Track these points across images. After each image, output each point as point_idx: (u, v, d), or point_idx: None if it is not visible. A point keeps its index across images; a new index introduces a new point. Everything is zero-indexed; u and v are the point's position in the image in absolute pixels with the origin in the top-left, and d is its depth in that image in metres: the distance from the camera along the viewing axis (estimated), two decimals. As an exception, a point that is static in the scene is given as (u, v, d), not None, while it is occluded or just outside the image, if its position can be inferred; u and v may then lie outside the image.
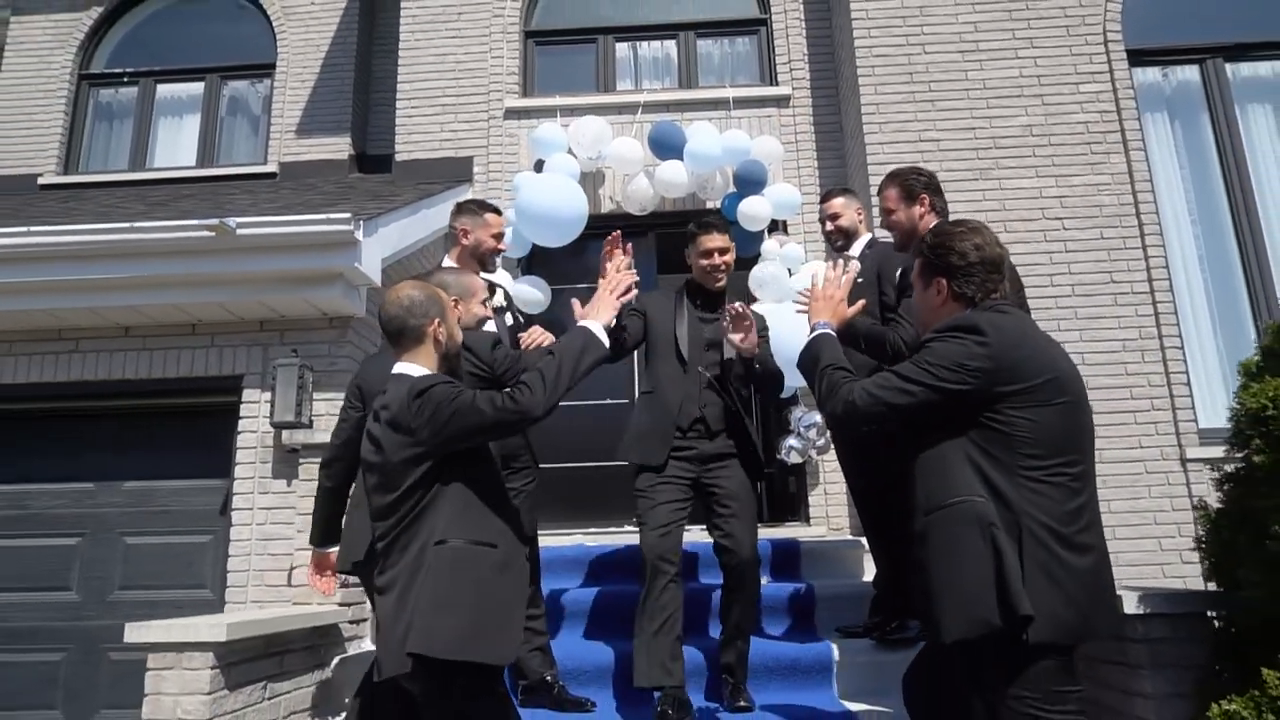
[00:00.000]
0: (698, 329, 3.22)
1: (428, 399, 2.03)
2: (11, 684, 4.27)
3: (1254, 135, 5.58)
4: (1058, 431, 1.93)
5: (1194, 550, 2.67)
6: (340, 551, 2.86)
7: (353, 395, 2.91)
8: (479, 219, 3.32)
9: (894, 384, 2.03)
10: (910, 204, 2.98)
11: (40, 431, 4.51)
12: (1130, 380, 5.01)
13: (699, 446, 3.13)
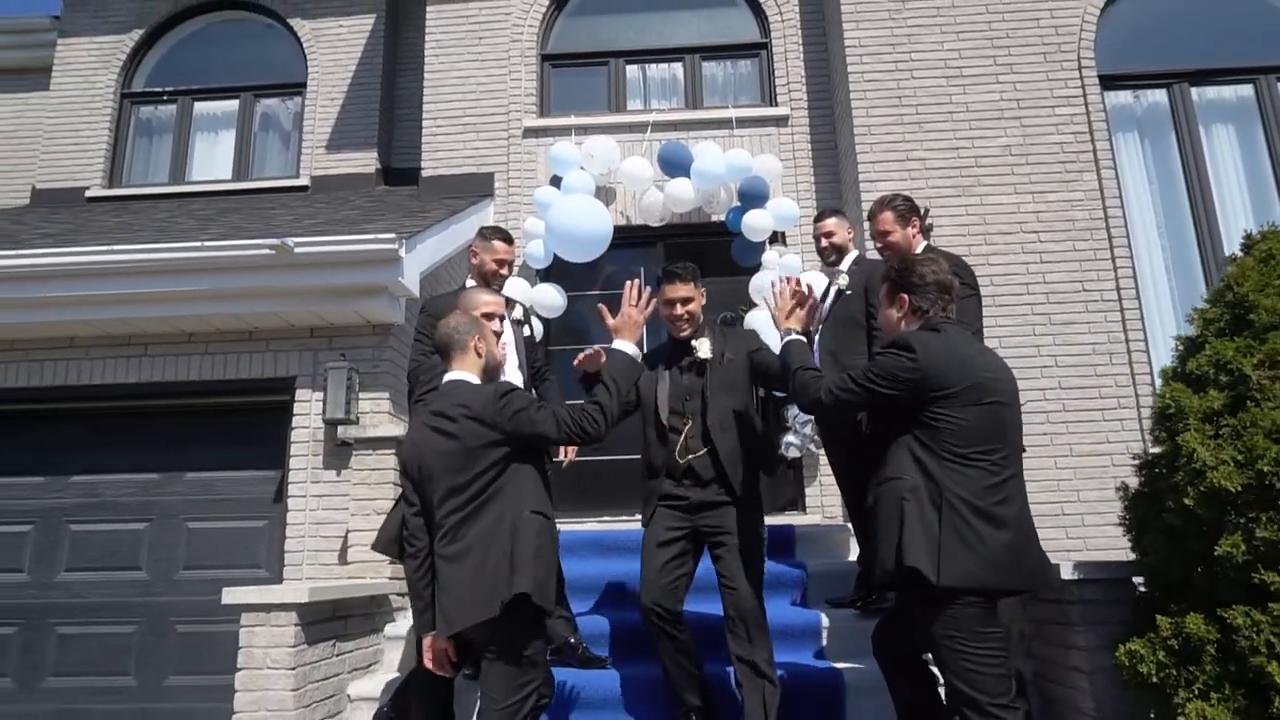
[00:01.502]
0: (677, 382, 3.29)
1: (510, 401, 2.61)
2: (90, 653, 4.82)
3: (1216, 154, 6.09)
4: (978, 426, 2.46)
5: (1118, 525, 3.19)
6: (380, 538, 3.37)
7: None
8: (487, 244, 3.84)
9: (848, 385, 2.62)
10: (904, 226, 3.48)
11: (112, 428, 5.06)
12: (1099, 381, 5.53)
13: (690, 495, 3.21)
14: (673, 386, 3.27)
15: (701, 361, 3.26)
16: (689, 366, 3.29)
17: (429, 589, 2.64)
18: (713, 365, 3.26)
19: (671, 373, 3.30)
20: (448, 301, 3.59)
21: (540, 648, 2.62)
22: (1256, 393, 2.48)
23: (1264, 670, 2.19)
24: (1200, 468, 2.48)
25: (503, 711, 2.52)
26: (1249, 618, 2.27)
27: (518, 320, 3.87)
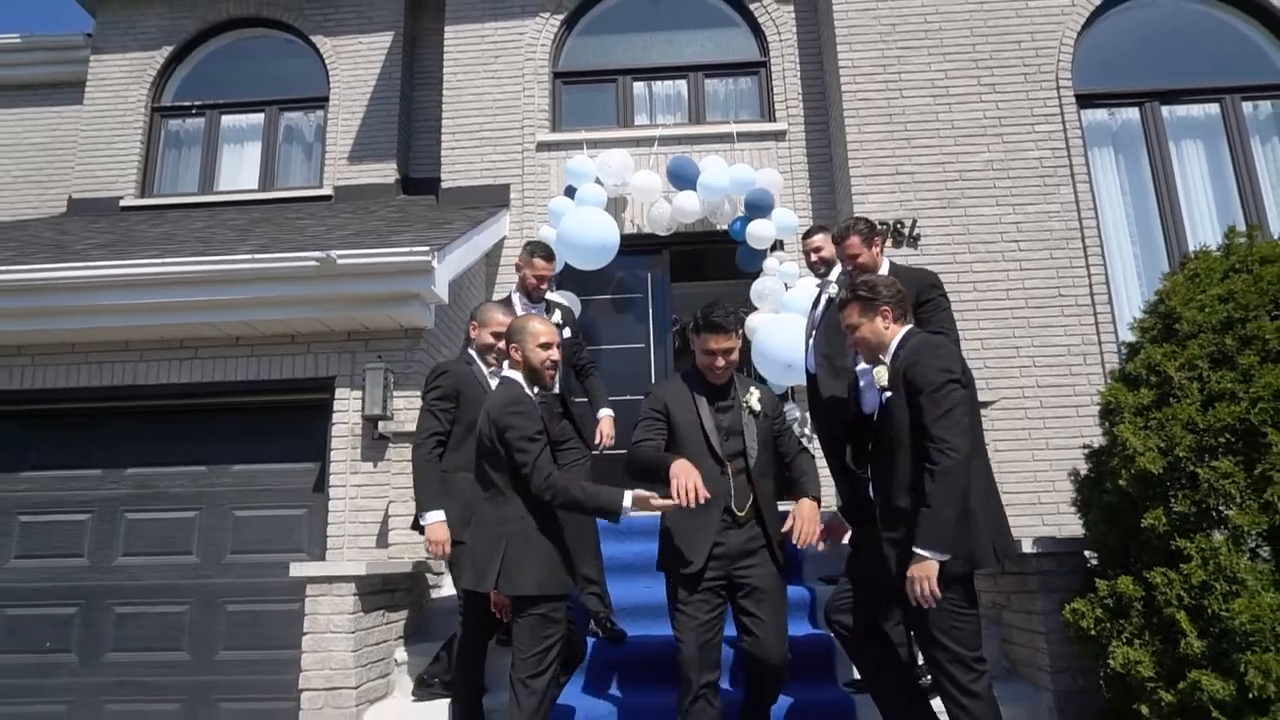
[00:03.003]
0: (718, 424, 3.26)
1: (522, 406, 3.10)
2: (147, 630, 5.31)
3: (1186, 167, 6.61)
4: (975, 421, 2.95)
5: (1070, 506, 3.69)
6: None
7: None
8: (529, 260, 4.31)
9: (949, 412, 2.81)
10: (870, 247, 3.92)
11: (165, 424, 5.55)
12: (1073, 380, 6.03)
13: (728, 540, 3.15)
14: (716, 427, 3.24)
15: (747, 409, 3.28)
16: (727, 409, 3.28)
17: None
18: (758, 418, 3.28)
19: (710, 411, 3.26)
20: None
21: (557, 609, 3.06)
22: (1178, 391, 2.98)
23: (1175, 619, 2.69)
24: (1131, 454, 2.98)
25: (528, 660, 3.00)
26: (1166, 577, 2.77)
27: (557, 324, 4.31)
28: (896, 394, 2.96)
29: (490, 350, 4.04)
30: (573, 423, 4.35)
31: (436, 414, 3.93)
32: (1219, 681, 2.53)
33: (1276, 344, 2.78)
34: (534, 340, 3.22)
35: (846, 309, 3.11)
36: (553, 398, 4.18)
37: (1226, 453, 2.76)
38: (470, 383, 3.94)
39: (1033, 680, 3.74)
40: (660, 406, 3.25)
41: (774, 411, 3.37)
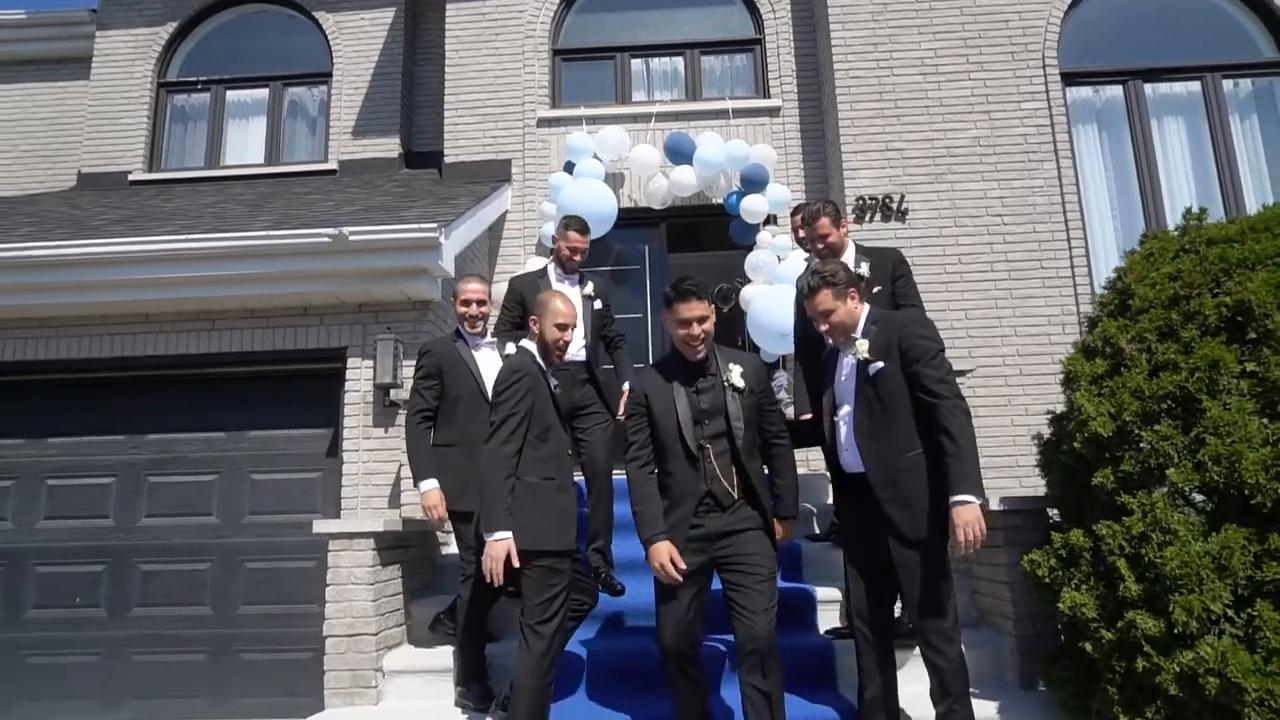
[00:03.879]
0: (694, 404, 3.27)
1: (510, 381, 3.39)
2: (171, 586, 5.65)
3: (1166, 144, 6.85)
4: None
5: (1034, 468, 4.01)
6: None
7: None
8: (563, 233, 4.59)
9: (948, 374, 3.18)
10: (838, 228, 4.15)
11: (185, 392, 5.84)
12: (1053, 348, 6.32)
13: (707, 524, 3.21)
14: (691, 409, 3.25)
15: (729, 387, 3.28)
16: (708, 389, 3.28)
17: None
18: (742, 394, 3.28)
19: (688, 393, 3.27)
20: (524, 281, 4.57)
21: (560, 562, 3.35)
22: (1129, 361, 3.28)
23: (1116, 566, 3.01)
24: (1085, 419, 3.28)
25: (536, 608, 3.31)
26: (1110, 529, 3.08)
27: (588, 295, 4.59)
28: (890, 363, 3.24)
29: (464, 319, 4.35)
30: (598, 389, 4.63)
31: (420, 392, 4.29)
32: (1151, 620, 2.85)
33: (1214, 319, 3.08)
34: (552, 319, 3.49)
35: (819, 295, 3.28)
36: (578, 365, 4.46)
37: (1167, 417, 3.06)
38: (451, 359, 4.25)
39: (998, 627, 4.08)
40: (641, 399, 3.32)
41: (759, 386, 3.35)
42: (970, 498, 3.00)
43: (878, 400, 3.25)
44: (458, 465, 4.15)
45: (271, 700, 5.43)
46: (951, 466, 3.03)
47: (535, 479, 3.39)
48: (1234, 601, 2.76)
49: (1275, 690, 2.56)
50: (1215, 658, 2.68)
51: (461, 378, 4.22)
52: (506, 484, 3.28)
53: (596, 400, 4.56)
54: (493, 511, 3.28)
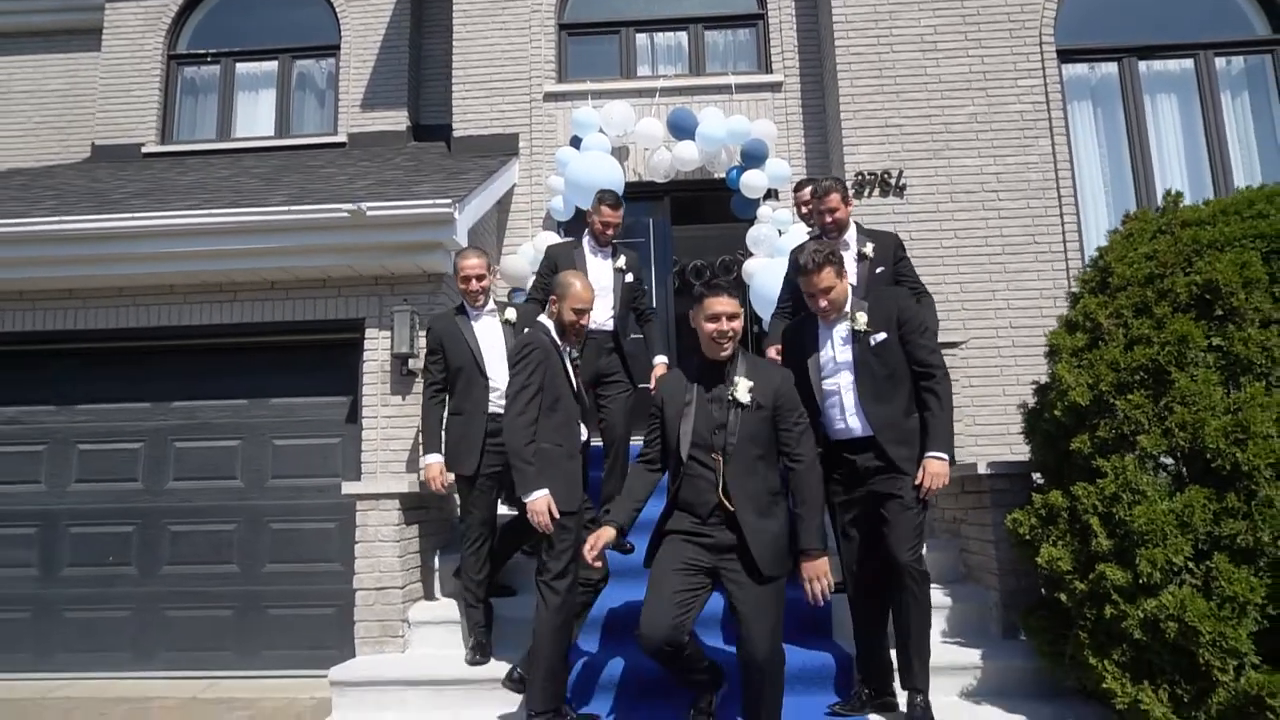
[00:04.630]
0: (706, 414, 3.21)
1: (521, 354, 3.63)
2: (199, 546, 5.95)
3: (1159, 120, 7.05)
4: None
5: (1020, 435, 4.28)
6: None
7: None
8: (596, 207, 4.78)
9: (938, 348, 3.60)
10: (846, 205, 4.38)
11: (208, 361, 6.09)
12: (1044, 321, 6.53)
13: (716, 535, 3.16)
14: (701, 418, 3.21)
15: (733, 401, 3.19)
16: (720, 399, 3.22)
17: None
18: (746, 409, 3.18)
19: (700, 400, 3.23)
20: (560, 250, 4.79)
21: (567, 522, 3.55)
22: (1106, 335, 3.53)
23: (1089, 524, 3.28)
24: (1065, 389, 3.54)
25: (549, 563, 3.56)
26: (1086, 490, 3.35)
27: (620, 268, 4.79)
28: (891, 335, 3.52)
29: (465, 293, 4.56)
30: (622, 359, 4.83)
31: (429, 367, 4.57)
32: (1119, 571, 3.14)
33: (1185, 297, 3.32)
34: (571, 302, 3.71)
35: (824, 273, 3.46)
36: (605, 334, 4.69)
37: (1140, 388, 3.32)
38: (451, 333, 4.48)
39: (984, 582, 4.38)
40: (658, 402, 3.36)
41: (773, 401, 3.21)
42: (943, 455, 3.45)
43: (882, 368, 3.51)
44: (457, 431, 4.41)
45: (297, 653, 5.76)
46: (932, 425, 3.47)
47: (547, 445, 3.64)
48: (1194, 555, 3.04)
49: (1226, 633, 2.85)
50: (1175, 605, 2.96)
51: (460, 350, 4.43)
52: (529, 449, 3.54)
53: (620, 370, 4.77)
54: (524, 476, 3.53)
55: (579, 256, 4.71)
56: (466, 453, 4.24)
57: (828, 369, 3.61)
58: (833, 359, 3.60)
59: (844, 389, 3.57)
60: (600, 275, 4.64)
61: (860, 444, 3.54)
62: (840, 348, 3.58)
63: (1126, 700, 3.08)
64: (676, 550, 3.19)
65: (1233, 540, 2.97)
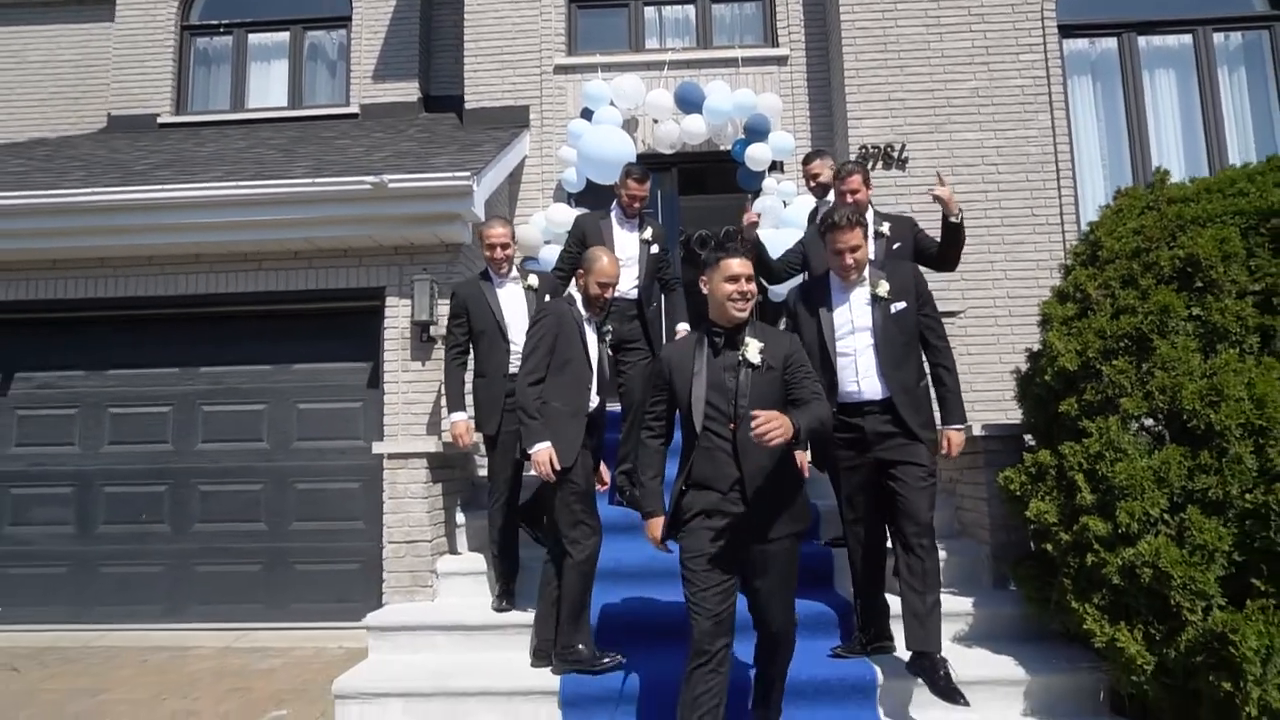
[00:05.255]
0: (719, 380, 3.10)
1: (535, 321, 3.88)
2: (228, 505, 6.25)
3: (1157, 95, 7.24)
4: None
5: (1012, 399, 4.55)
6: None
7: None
8: (623, 180, 4.95)
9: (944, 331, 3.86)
10: (867, 187, 4.57)
11: (233, 328, 6.34)
12: (1040, 291, 6.72)
13: (736, 512, 3.07)
14: (714, 386, 3.10)
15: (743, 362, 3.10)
16: (732, 365, 3.11)
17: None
18: (758, 370, 3.09)
19: (711, 365, 3.12)
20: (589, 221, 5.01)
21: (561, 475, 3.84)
22: (1095, 306, 3.78)
23: (1075, 480, 3.56)
24: (1055, 355, 3.80)
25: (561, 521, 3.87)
26: (1072, 449, 3.63)
27: (646, 240, 4.99)
28: (910, 305, 3.75)
29: (489, 260, 4.77)
30: (644, 326, 5.06)
31: (451, 329, 4.81)
32: (1101, 523, 3.42)
33: (1168, 270, 3.57)
34: (595, 276, 3.96)
35: (854, 230, 3.63)
36: (628, 302, 4.91)
37: (1124, 354, 3.58)
38: (475, 298, 4.70)
39: (977, 537, 4.68)
40: (664, 372, 3.21)
41: (784, 364, 3.12)
42: (961, 426, 3.89)
43: (901, 335, 3.73)
44: (481, 394, 4.67)
45: (323, 605, 6.08)
46: (949, 400, 3.85)
47: (555, 403, 3.92)
48: (1169, 507, 3.32)
49: (1196, 577, 3.14)
50: (1151, 553, 3.24)
51: (483, 315, 4.66)
52: (535, 404, 3.85)
53: (641, 337, 5.00)
54: (530, 430, 3.85)
55: (606, 228, 4.92)
56: (489, 414, 4.49)
57: (843, 330, 3.76)
58: (850, 321, 3.74)
59: (860, 351, 3.72)
60: (626, 246, 4.86)
61: (872, 407, 3.71)
62: (859, 310, 3.74)
63: (1104, 639, 3.38)
64: (701, 544, 3.07)
65: (1204, 494, 3.25)
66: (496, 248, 4.71)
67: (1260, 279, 3.45)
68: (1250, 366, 3.32)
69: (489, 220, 4.92)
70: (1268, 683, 2.99)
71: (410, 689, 3.82)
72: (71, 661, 5.58)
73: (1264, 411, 3.19)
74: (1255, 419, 3.20)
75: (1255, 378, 3.26)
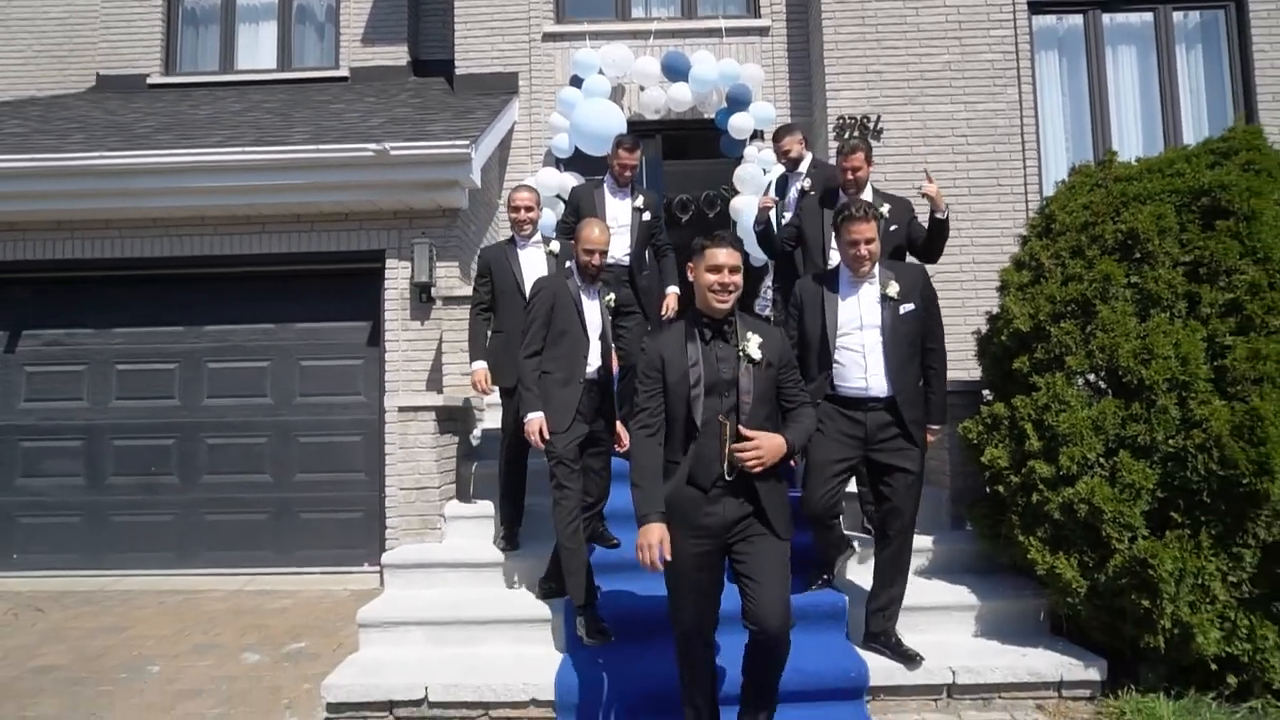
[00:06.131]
0: (712, 372, 2.99)
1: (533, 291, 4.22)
2: (234, 458, 6.60)
3: (1119, 70, 7.66)
4: None
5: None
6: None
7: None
8: (615, 150, 5.20)
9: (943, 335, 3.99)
10: (869, 165, 4.88)
11: (237, 289, 6.64)
12: (1003, 258, 7.12)
13: (721, 511, 2.97)
14: (707, 378, 2.99)
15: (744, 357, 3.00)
16: (726, 358, 3.01)
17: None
18: (757, 366, 3.00)
19: (706, 359, 3.01)
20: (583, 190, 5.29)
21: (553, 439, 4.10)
22: (1047, 273, 4.23)
23: (1024, 429, 4.03)
24: (1011, 318, 4.26)
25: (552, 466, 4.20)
26: (1023, 401, 4.09)
27: (638, 207, 5.24)
28: (918, 307, 3.84)
29: (513, 224, 5.01)
30: (635, 292, 5.34)
31: (477, 288, 5.08)
32: (1046, 466, 3.90)
33: (1112, 242, 4.02)
34: (583, 244, 4.20)
35: (870, 223, 3.71)
36: (621, 268, 5.21)
37: (1070, 318, 4.04)
38: (498, 260, 4.98)
39: (939, 484, 5.17)
40: (656, 363, 3.05)
41: (780, 360, 3.07)
42: (939, 426, 4.11)
43: (908, 337, 3.83)
44: (498, 350, 5.01)
45: (328, 552, 6.50)
46: (934, 401, 4.00)
47: (552, 372, 4.17)
48: (1104, 452, 3.80)
49: (1124, 512, 3.63)
50: (1087, 491, 3.73)
51: (504, 277, 4.97)
52: (532, 376, 4.12)
53: (635, 303, 5.30)
54: (525, 400, 4.13)
55: (599, 196, 5.23)
56: (505, 368, 4.81)
57: (850, 325, 3.83)
58: (859, 316, 3.83)
59: (869, 348, 3.81)
60: (619, 214, 5.19)
61: (876, 404, 3.83)
62: (868, 307, 3.83)
63: (1045, 568, 3.88)
64: (683, 548, 2.97)
65: (1134, 440, 3.74)
66: (521, 210, 4.93)
67: (1190, 251, 3.91)
68: (1178, 329, 3.79)
69: (517, 186, 5.12)
70: (1180, 599, 3.51)
71: (429, 618, 4.25)
72: (91, 603, 5.96)
73: (1187, 368, 3.67)
74: (1180, 375, 3.68)
75: (1181, 339, 3.73)
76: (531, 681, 3.83)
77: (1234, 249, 3.78)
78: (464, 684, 3.83)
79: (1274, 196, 3.87)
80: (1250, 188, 3.84)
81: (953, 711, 3.86)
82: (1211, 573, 3.53)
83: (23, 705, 4.26)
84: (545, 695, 3.80)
